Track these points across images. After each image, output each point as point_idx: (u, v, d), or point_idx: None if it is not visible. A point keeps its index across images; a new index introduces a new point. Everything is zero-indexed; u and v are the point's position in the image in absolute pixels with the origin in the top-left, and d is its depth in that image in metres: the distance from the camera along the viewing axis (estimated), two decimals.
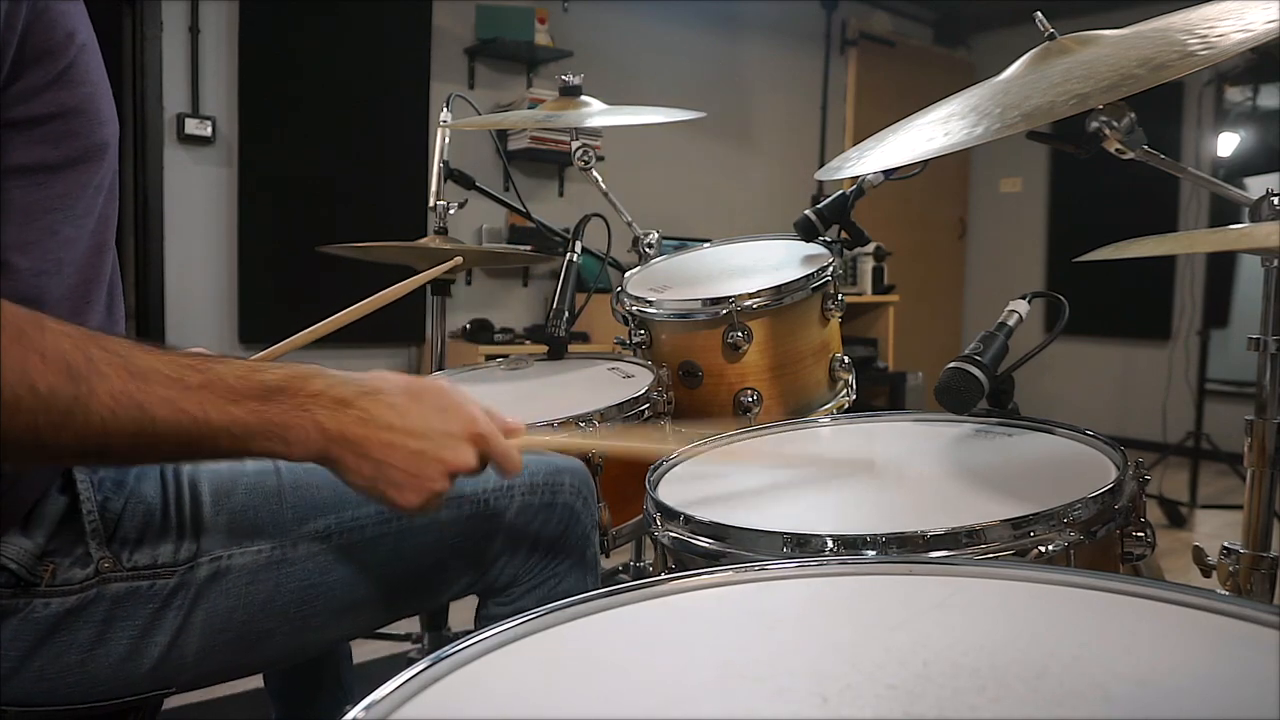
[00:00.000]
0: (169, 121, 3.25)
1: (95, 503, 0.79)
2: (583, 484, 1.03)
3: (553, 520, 1.00)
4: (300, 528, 0.87)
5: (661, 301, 1.44)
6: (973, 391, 1.07)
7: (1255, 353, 1.06)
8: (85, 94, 0.74)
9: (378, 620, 0.96)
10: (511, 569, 0.99)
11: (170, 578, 0.81)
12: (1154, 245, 0.86)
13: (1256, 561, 1.06)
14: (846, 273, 4.66)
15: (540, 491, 0.99)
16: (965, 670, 0.49)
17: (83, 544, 0.78)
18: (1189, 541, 1.44)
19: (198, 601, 0.82)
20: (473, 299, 3.99)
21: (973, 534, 0.77)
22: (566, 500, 1.01)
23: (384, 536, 0.91)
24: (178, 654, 0.81)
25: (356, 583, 0.90)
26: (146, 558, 0.81)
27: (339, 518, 0.89)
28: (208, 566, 0.83)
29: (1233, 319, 4.76)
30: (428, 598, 1.00)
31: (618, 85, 4.06)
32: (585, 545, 1.03)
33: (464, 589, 0.99)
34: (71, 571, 0.77)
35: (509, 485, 0.97)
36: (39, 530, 0.76)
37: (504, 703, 0.51)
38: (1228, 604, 0.55)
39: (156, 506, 0.82)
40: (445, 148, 1.84)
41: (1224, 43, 0.83)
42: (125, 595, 0.79)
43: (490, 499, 0.96)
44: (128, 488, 0.82)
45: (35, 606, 0.75)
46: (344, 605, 0.90)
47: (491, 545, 0.97)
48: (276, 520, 0.87)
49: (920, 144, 1.00)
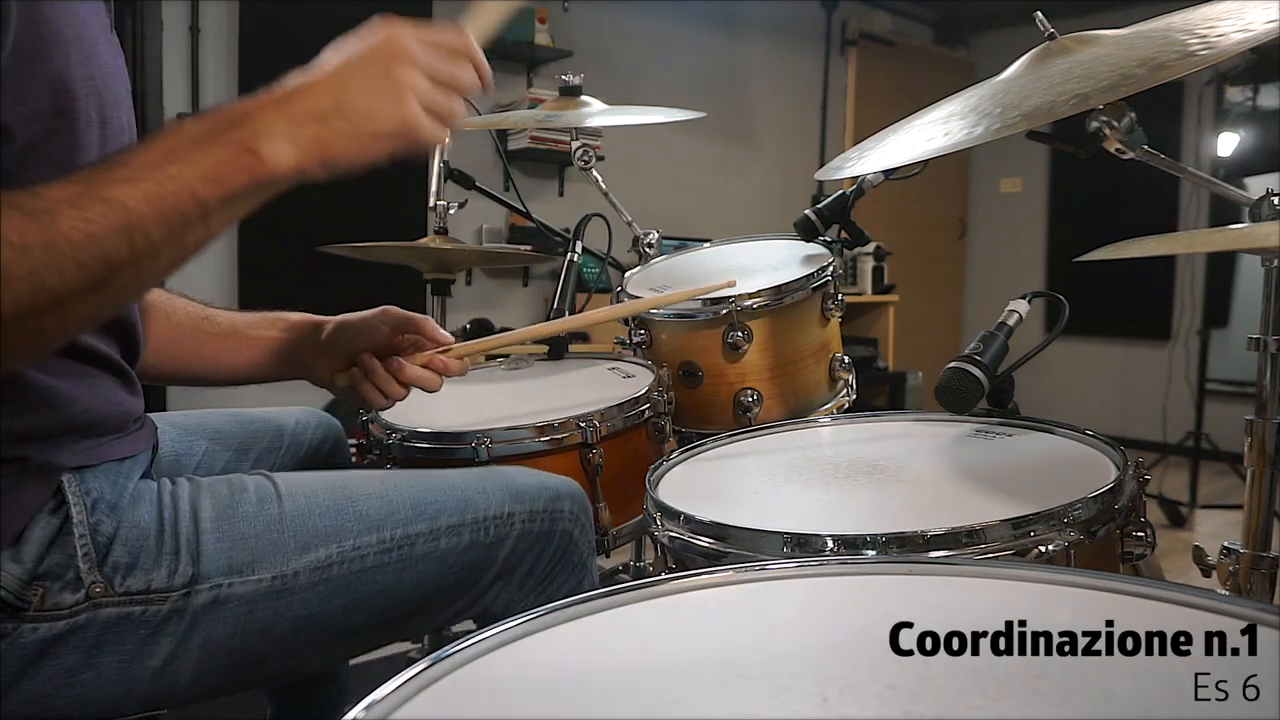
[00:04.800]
0: (169, 121, 3.25)
1: (88, 525, 0.77)
2: (581, 510, 1.02)
3: (550, 548, 0.99)
4: (301, 557, 0.85)
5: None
6: (973, 391, 1.07)
7: (1255, 353, 1.06)
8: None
9: (373, 645, 0.95)
10: (506, 596, 0.97)
11: (163, 604, 0.79)
12: (1154, 245, 0.86)
13: (1256, 561, 1.06)
14: (846, 273, 4.66)
15: (540, 519, 0.98)
16: (965, 670, 0.49)
17: (74, 567, 0.76)
18: (1189, 541, 1.44)
19: (194, 628, 0.80)
20: (473, 299, 3.99)
21: (973, 534, 0.77)
22: (565, 528, 1.00)
23: (384, 566, 0.89)
24: (170, 678, 0.80)
25: (355, 610, 0.88)
26: (140, 583, 0.78)
27: (340, 547, 0.87)
28: (207, 594, 0.81)
29: (1233, 319, 4.76)
30: (422, 625, 0.99)
31: (618, 85, 4.06)
32: (583, 573, 1.02)
33: (458, 616, 0.98)
34: (61, 596, 0.75)
35: (510, 513, 0.96)
36: (29, 554, 0.74)
37: (504, 703, 0.51)
38: (1228, 604, 0.55)
39: (151, 530, 0.80)
40: (445, 148, 1.83)
41: (1224, 43, 0.83)
42: (116, 621, 0.77)
43: (490, 527, 0.95)
44: (121, 510, 0.80)
45: (23, 631, 0.74)
46: (341, 632, 0.89)
47: (488, 573, 0.96)
48: (278, 549, 0.85)
49: (920, 144, 1.00)
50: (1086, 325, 5.14)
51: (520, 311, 4.13)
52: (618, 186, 1.80)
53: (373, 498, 0.91)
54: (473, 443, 1.18)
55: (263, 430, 1.19)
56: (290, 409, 1.25)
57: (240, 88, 3.35)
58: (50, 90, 0.70)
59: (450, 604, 0.96)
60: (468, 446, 1.18)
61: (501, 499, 0.96)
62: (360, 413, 1.34)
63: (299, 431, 1.21)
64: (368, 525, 0.89)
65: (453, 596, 0.95)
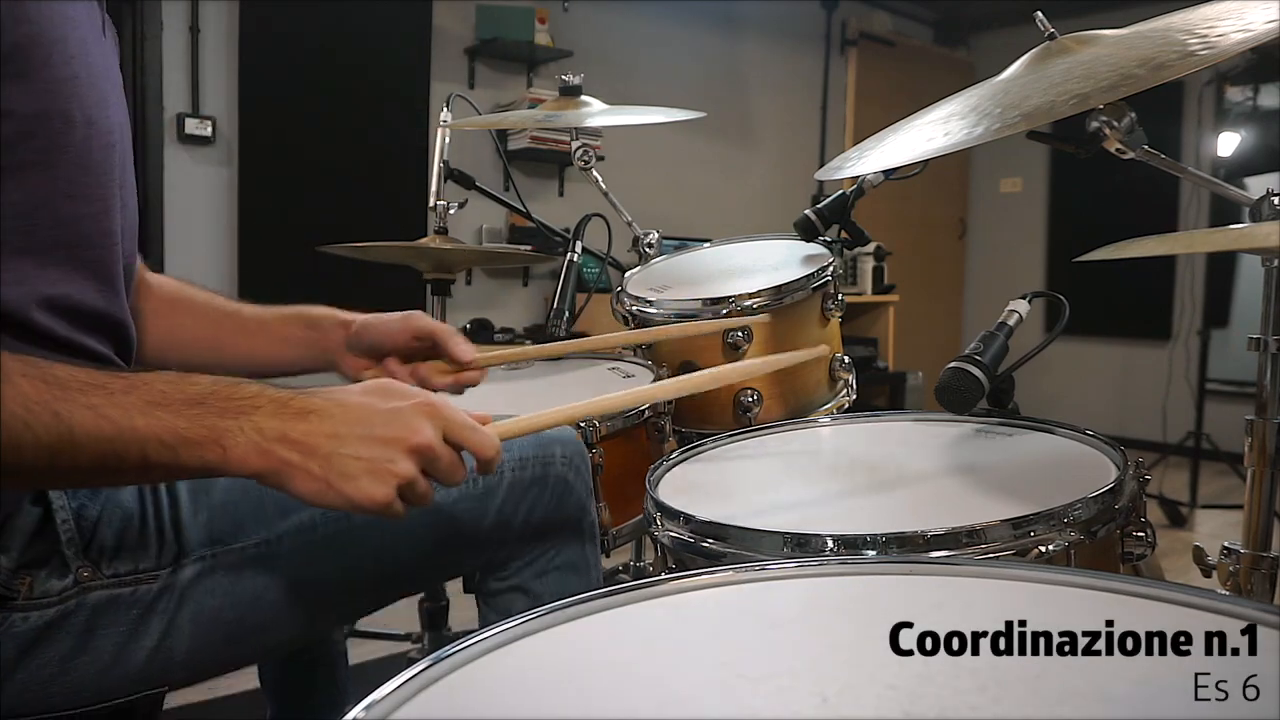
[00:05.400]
0: (169, 121, 3.25)
1: (70, 511, 0.77)
2: (575, 454, 1.01)
3: (546, 494, 0.98)
4: (283, 520, 0.85)
5: (661, 301, 1.44)
6: (973, 391, 1.07)
7: (1255, 352, 1.06)
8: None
9: (376, 605, 0.95)
10: (508, 546, 0.97)
11: (153, 582, 0.80)
12: (1154, 245, 0.86)
13: (1256, 561, 1.06)
14: (846, 273, 4.66)
15: (530, 466, 0.97)
16: (965, 670, 0.49)
17: (59, 554, 0.76)
18: (1189, 541, 1.44)
19: (183, 603, 0.81)
20: (473, 299, 3.99)
21: (973, 534, 0.77)
22: (559, 472, 0.99)
23: (371, 525, 0.88)
24: (165, 655, 0.80)
25: (348, 572, 0.88)
26: (127, 564, 0.79)
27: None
28: (192, 567, 0.81)
29: (1233, 319, 4.76)
30: (423, 581, 0.99)
31: (618, 85, 4.06)
32: (581, 515, 1.02)
33: (459, 569, 0.97)
34: (49, 583, 0.75)
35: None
36: (13, 544, 0.75)
37: (504, 703, 0.51)
38: (1228, 604, 0.55)
39: (134, 512, 0.81)
40: (445, 147, 1.84)
41: (1224, 43, 0.83)
42: (107, 603, 0.78)
43: (478, 479, 0.94)
44: (103, 494, 0.80)
45: (14, 621, 0.74)
46: (337, 594, 0.89)
47: (484, 524, 0.95)
48: (258, 514, 0.85)
49: (920, 144, 1.00)
50: (1086, 325, 5.14)
51: (520, 311, 4.13)
52: (618, 186, 1.80)
53: None
54: None
55: None
56: None
57: (240, 88, 3.35)
58: (29, 90, 0.70)
59: (449, 558, 0.95)
60: None
61: None
62: None
63: None
64: None
65: (449, 550, 0.95)
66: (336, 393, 0.71)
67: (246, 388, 0.67)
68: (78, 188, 0.76)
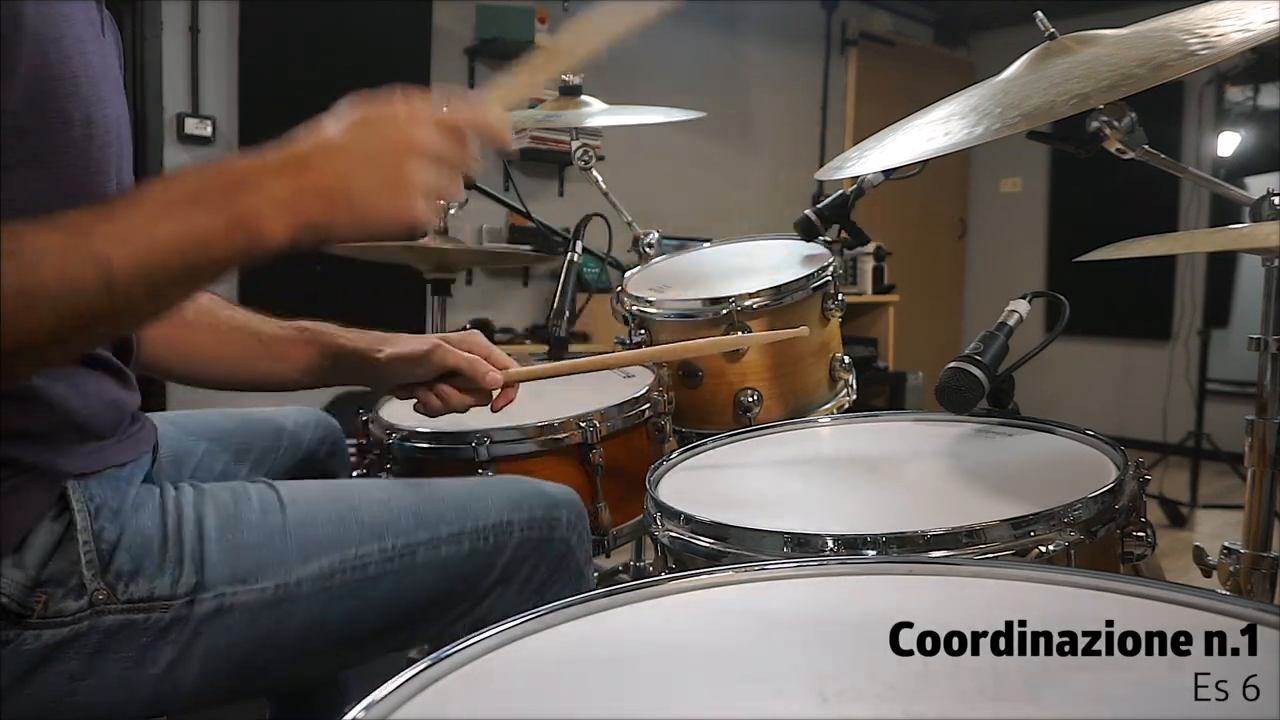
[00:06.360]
0: (169, 121, 3.25)
1: (91, 531, 0.77)
2: (577, 518, 1.02)
3: (548, 555, 0.99)
4: (304, 566, 0.85)
5: (662, 301, 1.44)
6: (973, 391, 1.07)
7: (1256, 352, 1.06)
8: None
9: (375, 654, 0.95)
10: (505, 603, 0.97)
11: (166, 611, 0.79)
12: (1154, 245, 0.86)
13: (1257, 561, 1.06)
14: (846, 273, 4.66)
15: (538, 527, 0.98)
16: (965, 670, 0.49)
17: (77, 574, 0.76)
18: (1189, 541, 1.44)
19: (197, 636, 0.80)
20: (473, 299, 3.99)
21: (973, 534, 0.77)
22: (562, 535, 1.00)
23: (386, 575, 0.89)
24: (173, 685, 0.80)
25: (357, 618, 0.88)
26: (143, 590, 0.78)
27: (343, 556, 0.87)
28: (210, 603, 0.81)
29: (1233, 319, 4.76)
30: (424, 633, 0.99)
31: (618, 85, 4.05)
32: (579, 580, 1.02)
33: (458, 623, 0.97)
34: (65, 603, 0.75)
35: (509, 521, 0.96)
36: (32, 560, 0.74)
37: (504, 703, 0.51)
38: (1228, 604, 0.55)
39: (155, 537, 0.80)
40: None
41: (1224, 43, 0.83)
42: (119, 628, 0.77)
43: (490, 535, 0.95)
44: (124, 516, 0.80)
45: (25, 639, 0.74)
46: (343, 640, 0.89)
47: (488, 579, 0.95)
48: (281, 558, 0.84)
49: (920, 144, 1.00)
50: (1087, 325, 5.14)
51: (520, 311, 4.13)
52: (618, 186, 1.80)
53: (375, 506, 0.91)
54: (473, 443, 1.18)
55: (261, 430, 1.19)
56: (289, 409, 1.25)
57: (240, 88, 3.35)
58: (24, 89, 0.69)
59: (451, 611, 0.95)
60: (468, 446, 1.18)
61: (500, 507, 0.96)
62: (360, 412, 1.34)
63: (298, 432, 1.21)
64: (370, 534, 0.89)
65: (453, 603, 0.95)
66: (320, 131, 0.71)
67: (238, 166, 0.68)
68: (77, 187, 0.75)
